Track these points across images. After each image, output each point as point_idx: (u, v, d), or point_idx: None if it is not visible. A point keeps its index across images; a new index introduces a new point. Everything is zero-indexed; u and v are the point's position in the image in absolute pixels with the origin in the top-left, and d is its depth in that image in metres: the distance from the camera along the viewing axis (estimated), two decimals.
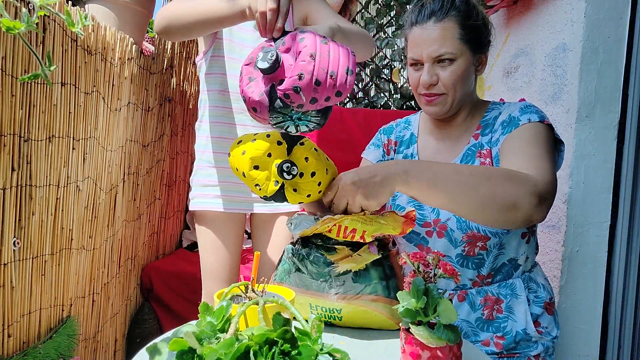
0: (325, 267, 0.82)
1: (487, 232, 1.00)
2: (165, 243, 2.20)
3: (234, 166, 0.84)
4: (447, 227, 1.02)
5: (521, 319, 1.01)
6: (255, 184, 0.81)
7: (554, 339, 1.04)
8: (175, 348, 0.54)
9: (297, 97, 0.72)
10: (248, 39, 1.28)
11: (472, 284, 1.03)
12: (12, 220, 1.06)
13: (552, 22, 1.61)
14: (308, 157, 0.82)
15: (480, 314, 1.02)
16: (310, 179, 0.82)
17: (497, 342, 1.00)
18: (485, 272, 1.03)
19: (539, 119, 0.98)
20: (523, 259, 1.05)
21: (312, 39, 0.73)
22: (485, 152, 1.04)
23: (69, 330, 1.28)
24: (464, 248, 1.01)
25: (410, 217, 0.83)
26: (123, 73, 1.54)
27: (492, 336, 1.01)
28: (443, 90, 1.02)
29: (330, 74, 0.70)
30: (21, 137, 1.07)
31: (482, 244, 1.00)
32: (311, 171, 0.82)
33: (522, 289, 1.02)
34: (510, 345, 1.00)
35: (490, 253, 1.01)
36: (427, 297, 0.65)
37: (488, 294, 1.02)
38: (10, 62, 1.01)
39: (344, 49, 0.74)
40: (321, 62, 0.70)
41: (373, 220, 0.84)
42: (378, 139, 1.25)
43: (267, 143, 0.81)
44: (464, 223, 1.01)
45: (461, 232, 1.01)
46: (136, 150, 1.75)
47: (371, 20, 2.70)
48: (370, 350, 0.77)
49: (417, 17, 1.04)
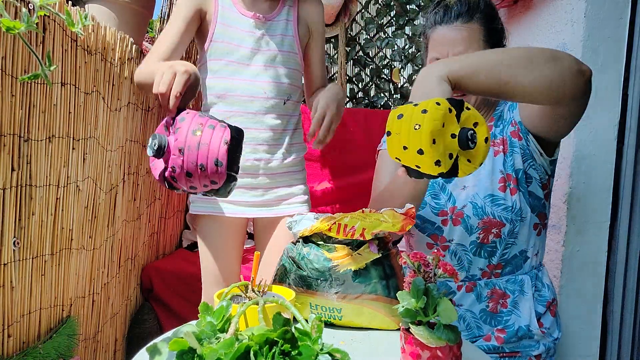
0: (325, 267, 0.82)
1: (502, 218, 1.02)
2: (165, 243, 2.20)
3: (400, 144, 0.71)
4: (463, 214, 1.05)
5: (525, 315, 1.02)
6: (436, 160, 0.68)
7: (555, 340, 1.05)
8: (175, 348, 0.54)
9: (177, 185, 0.77)
10: (245, 40, 1.26)
11: (481, 274, 1.05)
12: (12, 220, 1.06)
13: (552, 22, 1.61)
14: (478, 121, 0.72)
15: (485, 305, 1.03)
16: (484, 144, 0.71)
17: (498, 336, 1.01)
18: (495, 261, 1.04)
19: None
20: (533, 252, 1.06)
21: (186, 128, 0.74)
22: (499, 142, 1.07)
23: (69, 330, 1.28)
24: (479, 235, 1.03)
25: (409, 214, 0.84)
26: (123, 73, 1.54)
27: (493, 330, 1.02)
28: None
29: (200, 167, 0.72)
30: (21, 137, 1.07)
31: (497, 230, 1.03)
32: (485, 136, 0.72)
33: (529, 286, 1.04)
34: (511, 339, 1.01)
35: (503, 241, 1.03)
36: (427, 297, 0.65)
37: (495, 287, 1.04)
38: (10, 62, 1.01)
39: (216, 138, 0.73)
40: (189, 156, 0.72)
41: (372, 218, 0.84)
42: None
43: (441, 111, 0.69)
44: (480, 209, 1.03)
45: (477, 218, 1.03)
46: (136, 150, 1.75)
47: (371, 20, 2.70)
48: (370, 350, 0.77)
49: (442, 17, 1.05)
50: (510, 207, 1.02)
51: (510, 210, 1.02)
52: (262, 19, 1.26)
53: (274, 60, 1.27)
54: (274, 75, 1.27)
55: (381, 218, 0.84)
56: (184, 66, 0.93)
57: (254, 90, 1.26)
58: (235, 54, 1.26)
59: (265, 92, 1.26)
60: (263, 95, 1.26)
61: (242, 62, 1.26)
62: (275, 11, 1.29)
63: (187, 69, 0.92)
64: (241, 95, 1.26)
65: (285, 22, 1.29)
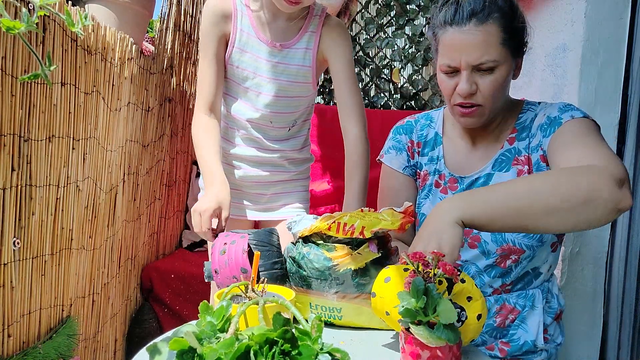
0: (325, 266, 0.82)
1: (522, 245, 0.95)
2: (165, 243, 2.20)
3: (384, 309, 0.73)
4: (480, 238, 0.97)
5: (533, 330, 0.97)
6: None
7: (558, 345, 1.02)
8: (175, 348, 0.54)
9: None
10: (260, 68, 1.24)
11: (492, 292, 1.00)
12: (12, 220, 1.06)
13: (552, 22, 1.61)
14: (472, 296, 0.71)
15: (492, 321, 0.98)
16: (475, 322, 0.70)
17: (502, 349, 0.98)
18: (508, 281, 0.99)
19: (583, 115, 0.92)
20: (546, 267, 1.00)
21: (216, 252, 0.88)
22: (523, 159, 0.96)
23: (69, 330, 1.28)
24: (496, 260, 0.97)
25: (408, 212, 0.84)
26: (123, 73, 1.54)
27: (498, 342, 0.99)
28: (481, 101, 0.92)
29: (233, 278, 0.85)
30: (21, 137, 1.07)
31: (516, 257, 0.96)
32: (478, 313, 0.70)
33: (540, 300, 0.98)
34: (514, 353, 0.98)
35: (519, 264, 0.97)
36: (427, 297, 0.65)
37: (505, 303, 0.99)
38: (10, 62, 1.01)
39: (238, 251, 0.86)
40: (223, 274, 0.86)
41: (372, 216, 0.84)
42: (398, 140, 1.12)
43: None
44: (499, 236, 0.95)
45: (496, 245, 0.96)
46: (136, 150, 1.75)
47: (371, 20, 2.70)
48: (370, 350, 0.77)
49: (453, 17, 0.90)
50: (531, 234, 0.94)
51: (531, 237, 0.94)
52: (279, 47, 1.22)
53: (286, 91, 1.25)
54: (284, 105, 1.26)
55: (380, 216, 0.84)
56: (209, 203, 1.08)
57: (261, 119, 1.26)
58: (248, 81, 1.24)
59: (272, 121, 1.27)
60: (269, 125, 1.27)
61: (254, 90, 1.25)
62: (295, 38, 1.23)
63: (207, 207, 1.07)
64: (249, 121, 1.27)
65: (304, 52, 1.23)
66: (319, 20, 1.24)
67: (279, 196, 1.33)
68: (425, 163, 1.08)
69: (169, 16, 2.12)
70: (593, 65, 1.42)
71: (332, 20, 1.26)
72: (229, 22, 1.22)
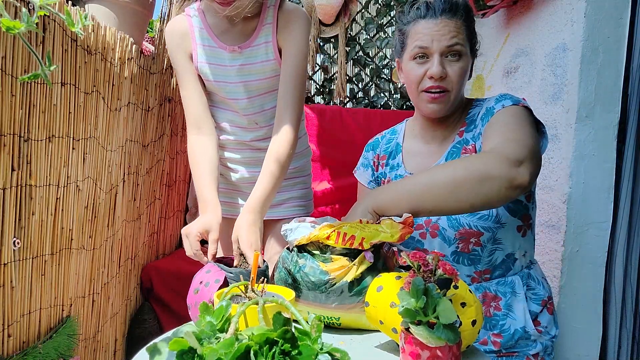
0: (321, 280, 0.82)
1: (478, 227, 1.00)
2: (165, 243, 2.20)
3: (377, 318, 0.75)
4: (438, 226, 1.03)
5: (520, 317, 1.01)
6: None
7: (552, 338, 1.04)
8: (175, 348, 0.54)
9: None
10: (229, 75, 1.25)
11: (470, 280, 1.04)
12: (12, 220, 1.06)
13: (552, 22, 1.61)
14: (466, 302, 0.72)
15: None
16: (470, 328, 0.71)
17: (495, 341, 1.01)
18: (482, 267, 1.03)
19: (513, 103, 1.00)
20: (520, 253, 1.05)
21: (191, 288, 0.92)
22: (470, 148, 1.05)
23: (69, 330, 1.28)
24: (458, 245, 1.02)
25: (407, 223, 0.84)
26: (123, 73, 1.54)
27: (490, 334, 1.01)
28: (449, 86, 1.01)
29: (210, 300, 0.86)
30: (21, 137, 1.07)
31: (476, 239, 1.01)
32: (472, 319, 0.71)
33: (520, 287, 1.03)
34: (508, 343, 1.00)
35: (485, 248, 1.02)
36: (426, 297, 0.65)
37: (486, 291, 1.03)
38: (10, 62, 1.01)
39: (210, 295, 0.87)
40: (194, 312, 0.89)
41: (371, 228, 0.84)
42: (365, 157, 1.24)
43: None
44: (454, 220, 1.01)
45: (453, 230, 1.02)
46: (136, 150, 1.75)
47: (371, 20, 2.70)
48: (370, 350, 0.77)
49: (426, 13, 1.02)
50: (486, 215, 1.00)
51: (486, 218, 1.00)
52: (239, 50, 1.21)
53: (258, 89, 1.25)
54: (261, 104, 1.27)
55: (380, 228, 0.84)
56: (195, 226, 1.08)
57: (245, 123, 1.28)
58: (222, 91, 1.26)
59: (256, 122, 1.28)
60: (255, 127, 1.29)
61: (231, 98, 1.26)
62: (253, 36, 1.22)
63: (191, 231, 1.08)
64: (236, 127, 1.28)
65: (264, 46, 1.22)
66: (274, 10, 1.21)
67: (277, 194, 1.32)
68: (388, 172, 1.17)
69: (169, 16, 2.12)
70: (593, 65, 1.43)
71: (287, 6, 1.23)
72: (189, 40, 1.23)
